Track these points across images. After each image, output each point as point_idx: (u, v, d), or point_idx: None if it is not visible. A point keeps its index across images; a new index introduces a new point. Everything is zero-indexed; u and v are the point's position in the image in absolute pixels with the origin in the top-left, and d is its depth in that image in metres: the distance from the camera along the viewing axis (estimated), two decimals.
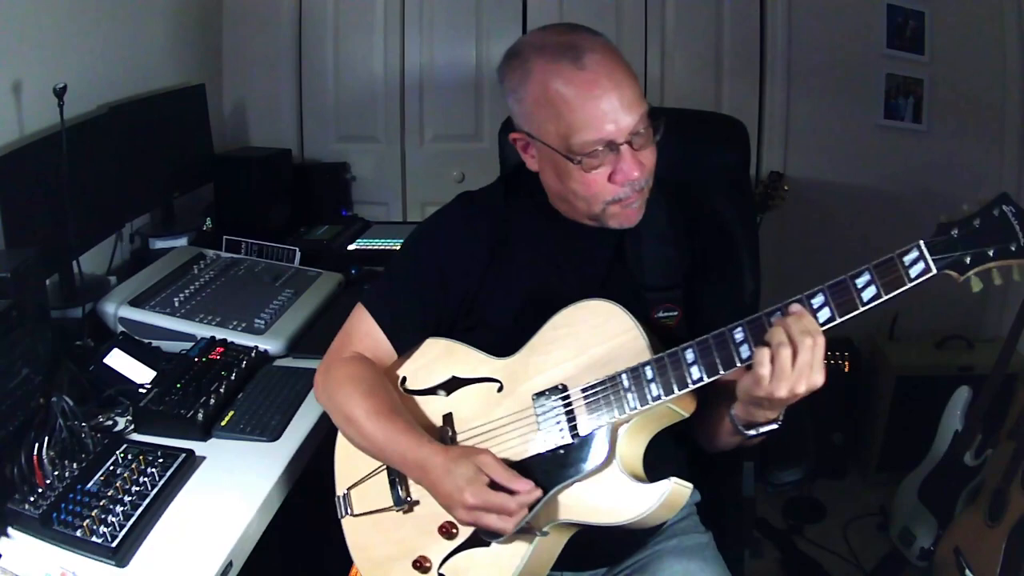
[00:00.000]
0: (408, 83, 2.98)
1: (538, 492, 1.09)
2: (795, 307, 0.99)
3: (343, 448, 1.31)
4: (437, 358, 1.26)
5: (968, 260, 0.95)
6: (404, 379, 1.29)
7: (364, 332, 1.29)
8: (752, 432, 1.08)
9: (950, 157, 2.73)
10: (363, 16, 2.94)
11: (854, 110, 2.83)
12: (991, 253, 0.95)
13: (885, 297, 0.96)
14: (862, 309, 0.97)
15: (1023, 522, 1.83)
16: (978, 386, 2.26)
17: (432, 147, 3.04)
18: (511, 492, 1.08)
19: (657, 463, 1.13)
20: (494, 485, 1.09)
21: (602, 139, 1.11)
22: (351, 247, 2.39)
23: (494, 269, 1.26)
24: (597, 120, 1.10)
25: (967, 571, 1.94)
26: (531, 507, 1.09)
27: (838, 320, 0.98)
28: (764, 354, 0.98)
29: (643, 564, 1.28)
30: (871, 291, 0.96)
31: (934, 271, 0.95)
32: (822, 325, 0.98)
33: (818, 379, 0.98)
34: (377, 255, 2.31)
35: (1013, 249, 0.94)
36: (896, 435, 2.71)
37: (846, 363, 2.78)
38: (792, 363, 0.96)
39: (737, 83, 2.88)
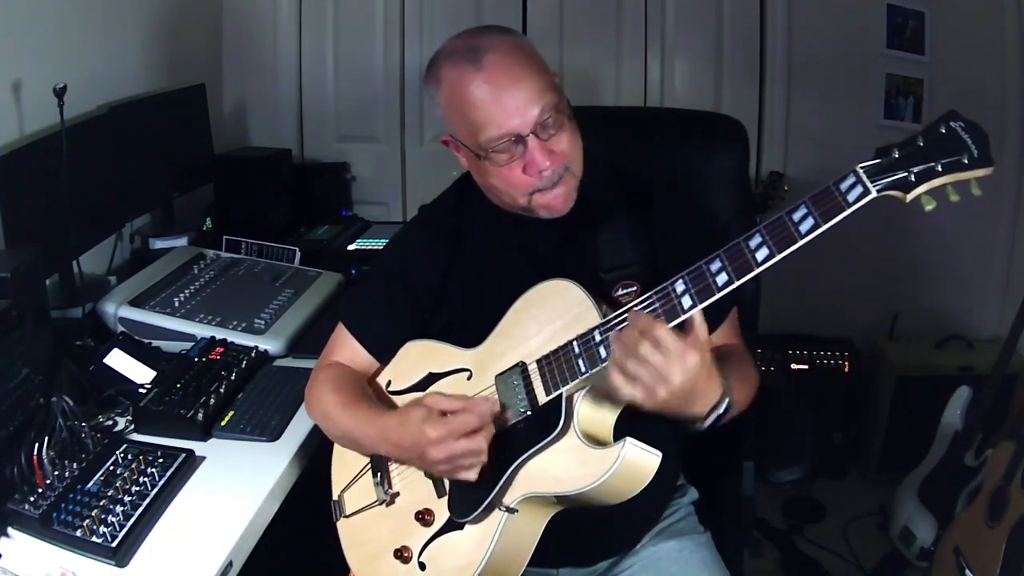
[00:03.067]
0: (408, 83, 2.98)
1: (492, 404, 1.13)
2: (630, 316, 1.01)
3: (337, 454, 1.36)
4: (416, 359, 1.31)
5: (913, 178, 0.90)
6: (389, 383, 1.34)
7: (342, 346, 1.38)
8: (707, 423, 1.06)
9: None
10: (363, 16, 2.94)
11: (854, 110, 2.83)
12: (940, 168, 0.89)
13: (824, 226, 0.93)
14: (801, 242, 0.94)
15: (1023, 522, 1.83)
16: (978, 386, 2.27)
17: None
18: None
19: None
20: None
21: (505, 134, 1.15)
22: (351, 247, 2.39)
23: (454, 268, 1.30)
24: (498, 117, 1.14)
25: (967, 571, 1.94)
26: (495, 481, 1.11)
27: (777, 256, 0.95)
28: (615, 374, 1.00)
29: (642, 564, 1.29)
30: (808, 223, 0.93)
31: (873, 193, 0.91)
32: (760, 264, 0.96)
33: (689, 361, 0.97)
34: (377, 255, 2.31)
35: (966, 161, 0.88)
36: (896, 435, 2.71)
37: (846, 363, 2.78)
38: (647, 370, 0.98)
39: (737, 83, 2.88)
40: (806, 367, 2.78)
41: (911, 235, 2.72)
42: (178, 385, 1.51)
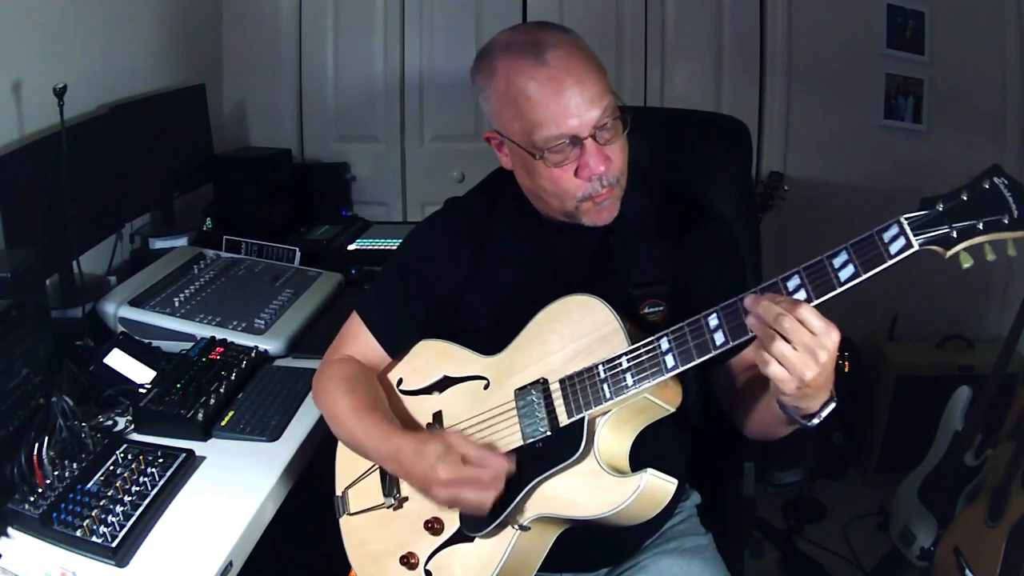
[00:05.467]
0: (408, 83, 2.98)
1: (511, 463, 1.10)
2: (748, 300, 0.96)
3: (343, 450, 1.34)
4: (430, 359, 1.29)
5: (955, 235, 0.89)
6: (400, 381, 1.33)
7: (355, 337, 1.35)
8: (815, 421, 1.04)
9: (950, 157, 2.73)
10: (363, 16, 2.94)
11: (854, 110, 2.83)
12: (981, 227, 0.89)
13: (864, 276, 0.92)
14: (839, 290, 0.93)
15: (1023, 522, 1.83)
16: (978, 386, 2.26)
17: (432, 147, 3.04)
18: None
19: (654, 465, 1.12)
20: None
21: (564, 134, 1.12)
22: (351, 247, 2.39)
23: (478, 271, 1.28)
24: (559, 115, 1.11)
25: (967, 571, 1.94)
26: (510, 499, 1.10)
27: (815, 302, 0.94)
28: (766, 357, 0.95)
29: (643, 566, 1.28)
30: (848, 271, 0.92)
31: (915, 247, 0.89)
32: None
33: (833, 338, 0.93)
34: (377, 255, 2.31)
35: (1006, 222, 0.88)
36: (896, 435, 2.71)
37: (846, 363, 2.78)
38: (794, 349, 0.93)
39: (737, 83, 2.88)
40: None
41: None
42: (178, 385, 1.51)
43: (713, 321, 1.00)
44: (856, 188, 2.83)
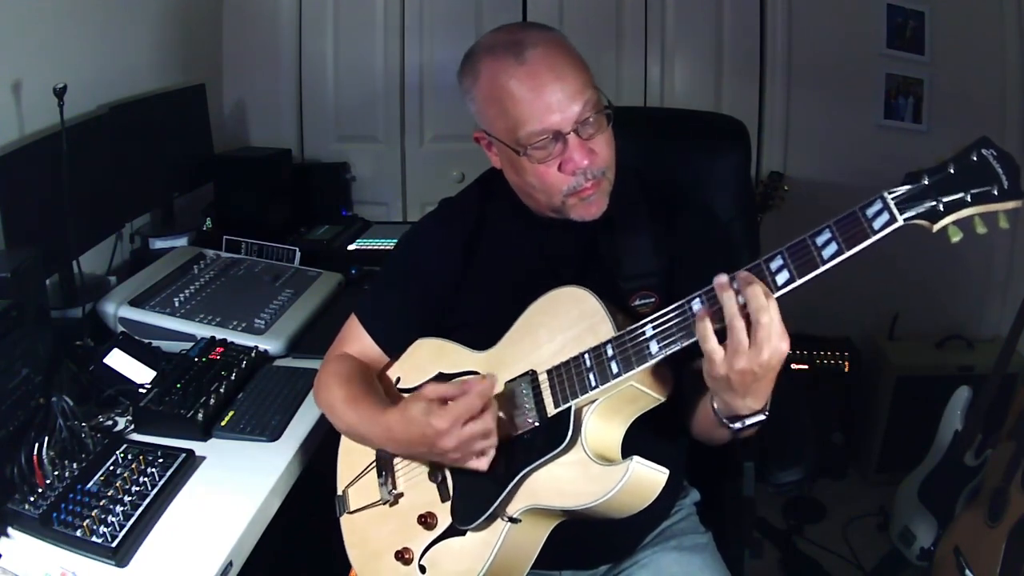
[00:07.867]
0: (408, 83, 2.98)
1: (492, 378, 1.12)
2: (743, 274, 0.95)
3: (344, 449, 1.36)
4: (426, 357, 1.31)
5: (942, 208, 0.87)
6: (398, 379, 1.34)
7: (354, 338, 1.37)
8: (737, 425, 1.03)
9: None
10: (363, 16, 2.95)
11: (854, 110, 2.83)
12: (969, 199, 0.87)
13: (847, 253, 0.90)
14: (823, 268, 0.91)
15: (1023, 522, 1.83)
16: (978, 386, 2.26)
17: (432, 147, 3.04)
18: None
19: (649, 460, 1.12)
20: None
21: (547, 130, 1.13)
22: (351, 247, 2.39)
23: (471, 269, 1.29)
24: (540, 112, 1.12)
25: (967, 571, 1.94)
26: (499, 491, 1.10)
27: (797, 281, 0.93)
28: (709, 329, 0.94)
29: (643, 564, 1.29)
30: (832, 248, 0.91)
31: (899, 222, 0.88)
32: (780, 287, 0.94)
33: (783, 346, 0.93)
34: (377, 255, 2.31)
35: (996, 193, 0.86)
36: (896, 435, 2.71)
37: (846, 363, 2.79)
38: (748, 335, 0.92)
39: (737, 83, 2.88)
40: (806, 367, 2.78)
41: (911, 235, 2.72)
42: (178, 385, 1.51)
43: (696, 306, 0.99)
44: (856, 188, 2.78)
